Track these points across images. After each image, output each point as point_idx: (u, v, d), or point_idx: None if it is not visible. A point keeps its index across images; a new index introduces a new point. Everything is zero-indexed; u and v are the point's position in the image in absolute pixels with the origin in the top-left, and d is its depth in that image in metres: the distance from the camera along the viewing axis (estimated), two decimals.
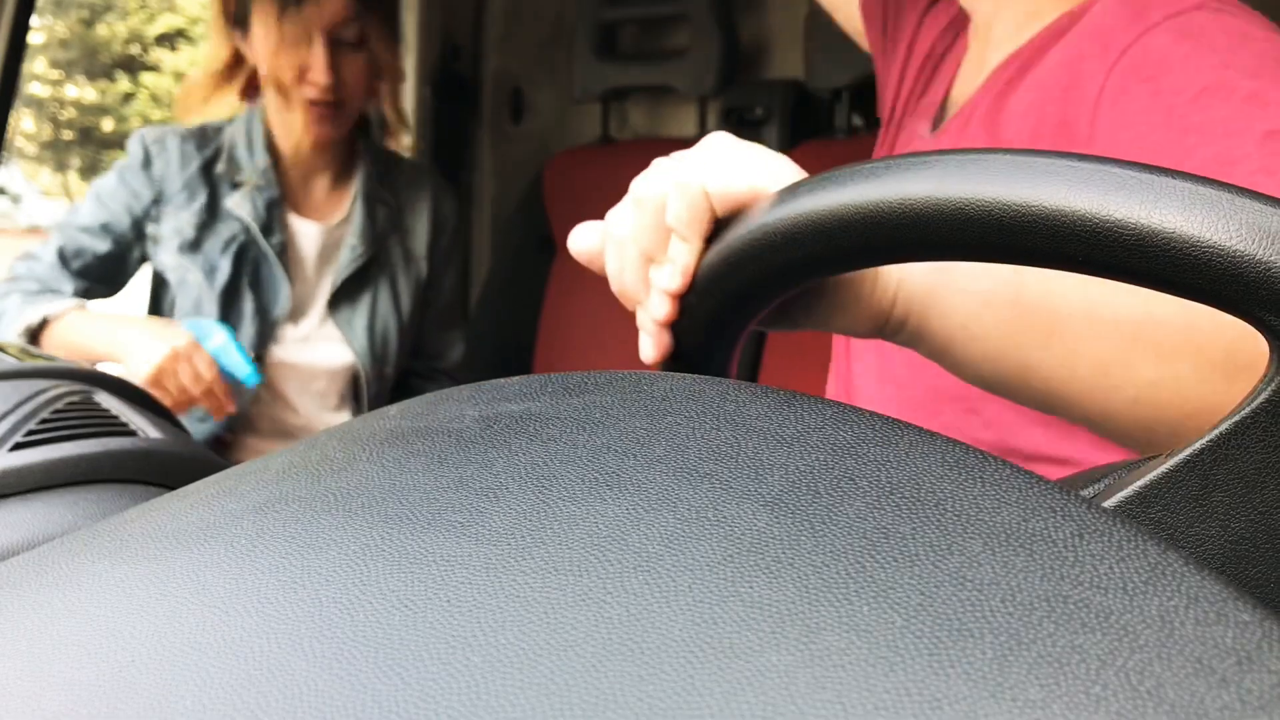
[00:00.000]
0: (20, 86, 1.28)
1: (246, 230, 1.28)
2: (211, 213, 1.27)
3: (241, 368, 1.18)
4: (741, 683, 0.15)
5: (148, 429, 0.50)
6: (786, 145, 1.55)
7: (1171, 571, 0.17)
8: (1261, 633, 0.16)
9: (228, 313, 1.27)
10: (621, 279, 0.45)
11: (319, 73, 1.21)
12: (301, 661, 0.17)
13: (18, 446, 0.44)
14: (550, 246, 1.76)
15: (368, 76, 1.28)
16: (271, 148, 1.31)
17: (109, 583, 0.21)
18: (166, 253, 1.27)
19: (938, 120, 0.73)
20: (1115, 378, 0.42)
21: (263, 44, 1.23)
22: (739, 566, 0.18)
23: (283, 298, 1.29)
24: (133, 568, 0.21)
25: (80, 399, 0.50)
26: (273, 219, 1.29)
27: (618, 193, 0.46)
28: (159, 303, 1.31)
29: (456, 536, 0.20)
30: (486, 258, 1.91)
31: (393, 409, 0.28)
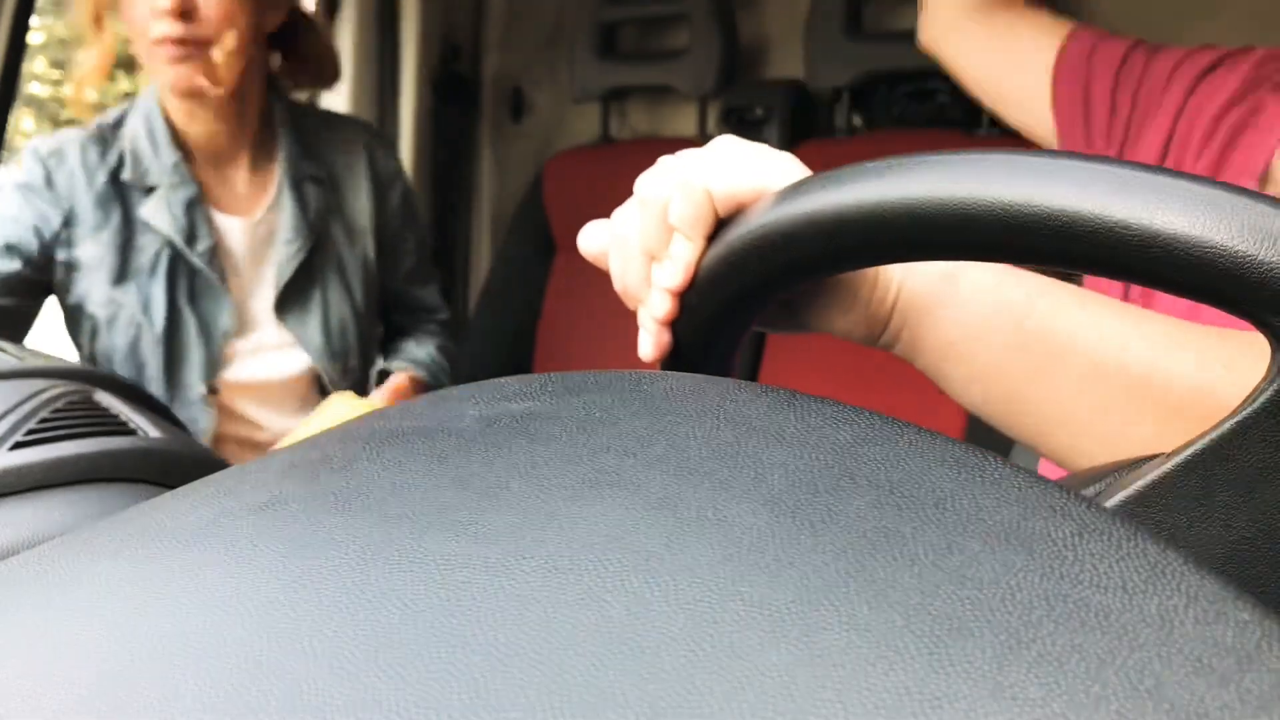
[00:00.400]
0: (20, 86, 1.26)
1: (170, 243, 1.12)
2: (128, 228, 1.11)
3: None
4: (741, 682, 0.15)
5: (147, 429, 0.50)
6: (786, 145, 1.55)
7: (1171, 571, 0.17)
8: (1261, 632, 0.16)
9: (171, 347, 1.13)
10: (624, 277, 0.45)
11: None
12: (301, 661, 0.17)
13: (18, 446, 0.44)
14: (550, 246, 1.76)
15: (241, 12, 1.05)
16: (177, 139, 1.13)
17: (109, 582, 0.21)
18: (93, 285, 1.11)
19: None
20: (1111, 429, 0.40)
21: None
22: (739, 566, 0.18)
23: (225, 313, 1.15)
24: (133, 567, 0.21)
25: (80, 398, 0.50)
26: (194, 223, 1.12)
27: (617, 192, 0.46)
28: (85, 345, 1.14)
29: (456, 536, 0.20)
30: (486, 257, 1.91)
31: (393, 409, 0.28)
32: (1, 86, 1.21)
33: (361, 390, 1.27)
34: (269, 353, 1.20)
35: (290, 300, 1.19)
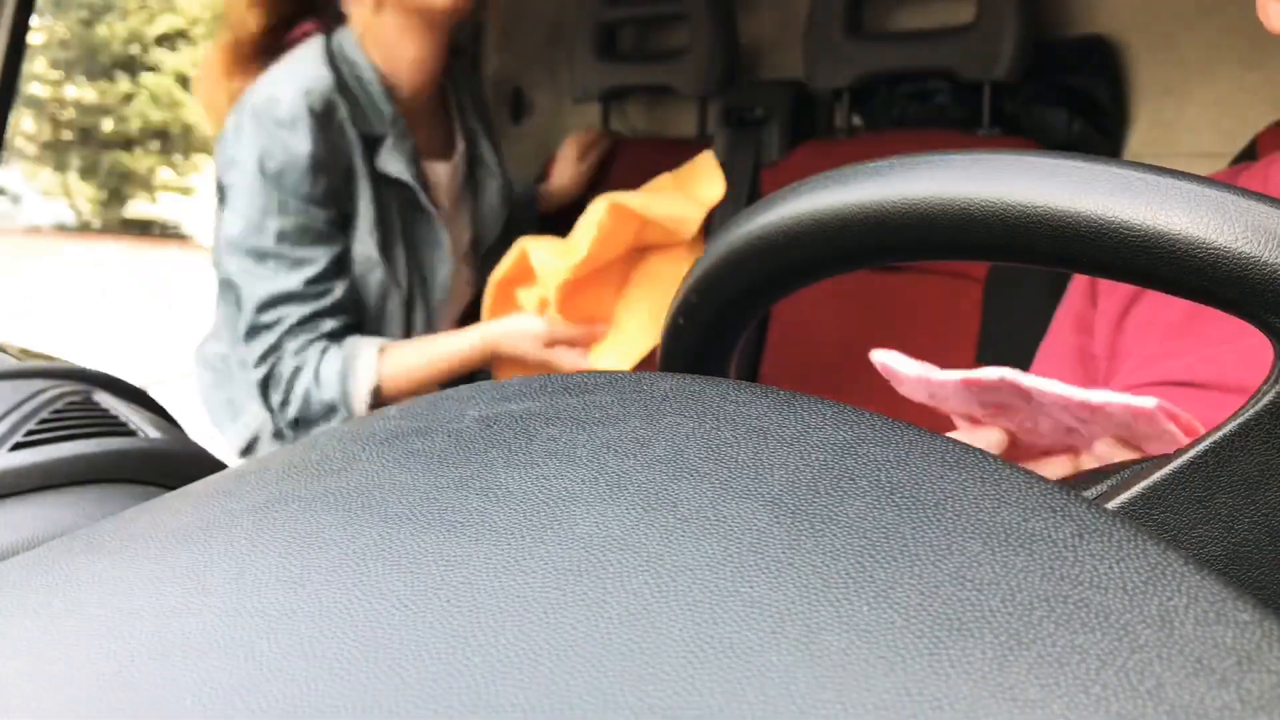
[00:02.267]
0: (20, 86, 1.26)
1: (402, 191, 1.10)
2: (374, 180, 1.09)
3: None
4: (741, 683, 0.15)
5: (147, 429, 0.50)
6: (786, 145, 1.55)
7: (1171, 571, 0.17)
8: (1261, 633, 0.16)
9: (410, 302, 1.12)
10: None
11: None
12: (301, 661, 0.17)
13: (18, 446, 0.44)
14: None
15: None
16: (388, 89, 1.11)
17: (109, 582, 0.21)
18: (359, 242, 1.08)
19: None
20: None
21: None
22: (739, 566, 0.18)
23: (442, 263, 1.15)
24: (133, 567, 0.21)
25: (80, 399, 0.50)
26: (420, 170, 1.13)
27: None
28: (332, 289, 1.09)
29: (456, 536, 0.20)
30: None
31: (392, 409, 0.28)
32: (1, 86, 1.21)
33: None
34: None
35: (495, 247, 1.23)
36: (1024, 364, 1.20)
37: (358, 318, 1.10)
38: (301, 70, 1.06)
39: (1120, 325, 0.71)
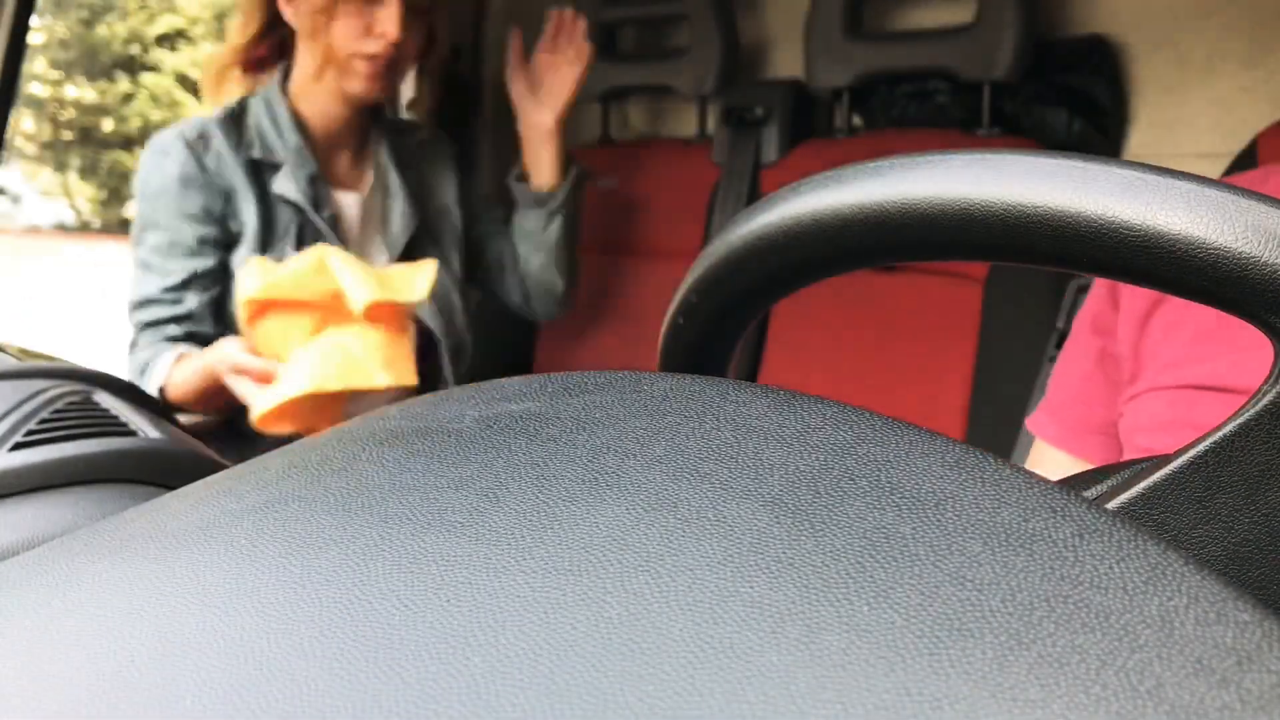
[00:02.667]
0: (20, 86, 1.27)
1: (300, 212, 1.25)
2: (264, 201, 1.24)
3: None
4: (741, 683, 0.15)
5: (147, 429, 0.50)
6: (786, 145, 1.55)
7: (1171, 571, 0.17)
8: (1261, 632, 0.16)
9: None
10: None
11: (391, 24, 1.19)
12: (301, 661, 0.17)
13: (18, 446, 0.44)
14: None
15: (421, 43, 1.28)
16: (299, 124, 1.28)
17: (109, 582, 0.21)
18: (243, 252, 1.23)
19: None
20: None
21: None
22: (739, 566, 0.18)
23: None
24: (132, 567, 0.21)
25: (80, 399, 0.50)
26: (318, 194, 1.27)
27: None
28: (223, 307, 1.26)
29: (456, 536, 0.20)
30: None
31: (392, 409, 0.28)
32: (1, 86, 1.21)
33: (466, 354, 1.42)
34: None
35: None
36: (1024, 363, 1.20)
37: (211, 328, 1.24)
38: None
39: (1145, 326, 0.70)
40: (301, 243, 1.24)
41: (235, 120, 1.27)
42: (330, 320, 1.14)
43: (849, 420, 0.23)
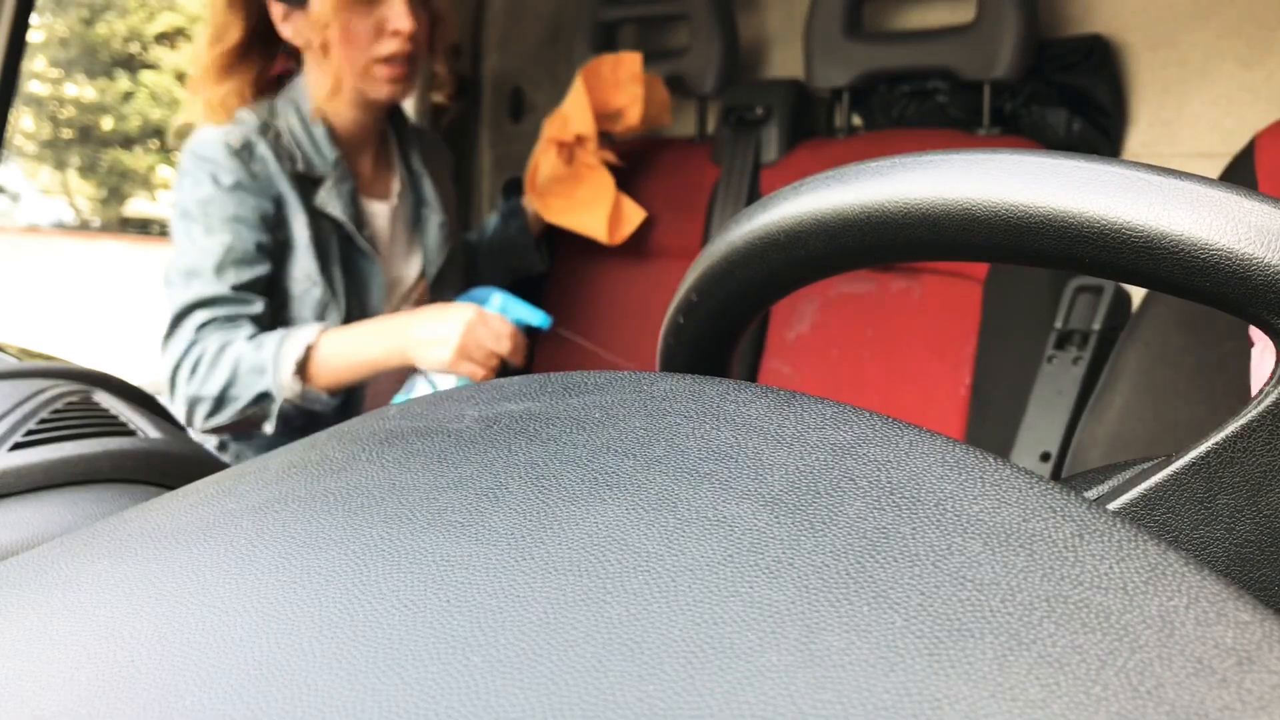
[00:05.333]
0: (20, 85, 1.26)
1: (339, 227, 1.22)
2: (311, 214, 1.20)
3: (531, 315, 1.20)
4: (741, 683, 0.15)
5: (147, 429, 0.50)
6: (786, 145, 1.55)
7: (1171, 571, 0.17)
8: (1262, 633, 0.16)
9: (349, 320, 1.22)
10: None
11: (402, 19, 1.15)
12: (301, 661, 0.17)
13: (18, 446, 0.44)
14: (550, 246, 1.76)
15: (433, 30, 1.24)
16: (331, 135, 1.23)
17: (109, 583, 0.21)
18: (299, 263, 1.19)
19: None
20: None
21: (328, 3, 1.15)
22: (739, 566, 0.18)
23: (378, 288, 1.26)
24: (132, 567, 0.21)
25: (80, 399, 0.50)
26: (359, 210, 1.25)
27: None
28: (276, 317, 1.22)
29: (456, 536, 0.20)
30: None
31: (393, 409, 0.28)
32: (1, 85, 1.21)
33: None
34: None
35: (442, 279, 1.36)
36: (1024, 363, 1.20)
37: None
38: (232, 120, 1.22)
39: None
40: (345, 257, 1.23)
41: (270, 131, 1.21)
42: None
43: (849, 420, 0.23)
